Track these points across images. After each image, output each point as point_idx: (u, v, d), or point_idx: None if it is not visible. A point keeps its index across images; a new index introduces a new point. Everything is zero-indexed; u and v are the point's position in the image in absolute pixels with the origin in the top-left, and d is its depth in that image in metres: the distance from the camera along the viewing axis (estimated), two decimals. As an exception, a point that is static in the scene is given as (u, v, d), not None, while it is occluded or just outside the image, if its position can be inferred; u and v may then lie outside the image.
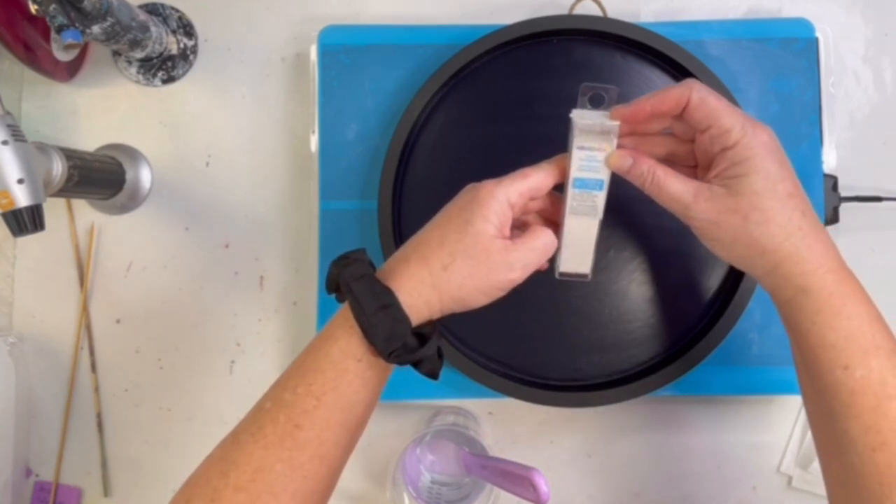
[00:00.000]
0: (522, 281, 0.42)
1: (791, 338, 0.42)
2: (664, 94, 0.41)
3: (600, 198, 0.43)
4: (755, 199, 0.39)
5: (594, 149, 0.42)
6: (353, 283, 0.39)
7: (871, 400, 0.37)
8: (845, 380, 0.38)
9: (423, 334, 0.40)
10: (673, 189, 0.42)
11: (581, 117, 0.42)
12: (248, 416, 0.40)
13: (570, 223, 0.44)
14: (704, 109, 0.40)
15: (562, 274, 0.46)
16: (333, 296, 0.42)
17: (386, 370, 0.41)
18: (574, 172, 0.43)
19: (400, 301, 0.39)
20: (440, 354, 0.41)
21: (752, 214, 0.40)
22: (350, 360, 0.39)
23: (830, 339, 0.39)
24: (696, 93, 0.40)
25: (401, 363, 0.39)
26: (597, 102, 0.44)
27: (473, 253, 0.40)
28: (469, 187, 0.43)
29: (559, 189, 0.44)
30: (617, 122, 0.42)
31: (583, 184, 0.43)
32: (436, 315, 0.41)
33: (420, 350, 0.39)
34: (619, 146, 0.43)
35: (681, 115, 0.41)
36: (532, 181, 0.42)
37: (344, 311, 0.40)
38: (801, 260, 0.40)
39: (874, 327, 0.39)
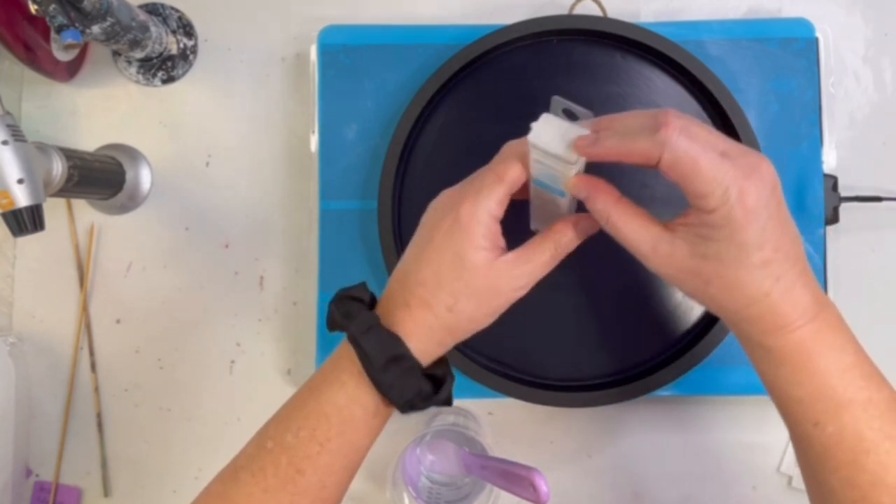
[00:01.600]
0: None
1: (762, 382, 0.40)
2: (632, 145, 0.36)
3: (563, 200, 0.40)
4: (721, 268, 0.36)
5: (550, 167, 0.38)
6: (360, 337, 0.38)
7: (847, 455, 0.36)
8: (817, 435, 0.37)
9: (436, 376, 0.39)
10: (630, 236, 0.38)
11: (541, 133, 0.37)
12: (248, 449, 0.39)
13: (535, 199, 0.42)
14: (679, 171, 0.35)
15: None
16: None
17: (390, 413, 0.40)
18: (533, 174, 0.40)
19: (411, 348, 0.38)
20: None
21: (714, 280, 0.36)
22: (357, 407, 0.38)
23: (797, 395, 0.37)
24: (669, 151, 0.35)
25: (416, 411, 0.39)
26: (571, 114, 0.40)
27: (476, 288, 0.39)
28: (445, 202, 0.41)
29: None
30: (575, 157, 0.37)
31: (543, 185, 0.40)
32: (449, 348, 0.40)
33: (436, 397, 0.39)
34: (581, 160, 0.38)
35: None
36: (508, 183, 0.39)
37: (350, 353, 0.39)
38: (764, 323, 0.37)
39: (847, 378, 0.36)
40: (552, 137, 0.37)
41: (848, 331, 0.38)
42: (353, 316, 0.39)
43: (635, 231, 0.38)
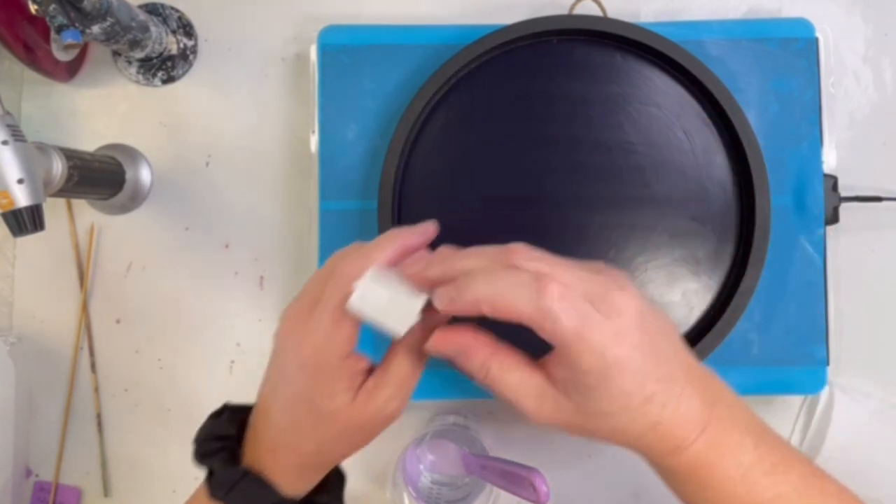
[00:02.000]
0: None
1: None
2: (509, 306, 0.32)
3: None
4: (606, 420, 0.34)
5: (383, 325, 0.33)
6: (227, 496, 0.36)
7: None
8: None
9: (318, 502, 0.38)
10: (512, 393, 0.34)
11: (366, 296, 0.32)
12: None
13: None
14: (557, 339, 0.32)
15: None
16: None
17: None
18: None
19: (284, 489, 0.36)
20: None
21: (602, 430, 0.34)
22: None
23: None
24: (552, 323, 0.31)
25: None
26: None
27: (338, 433, 0.36)
28: (287, 332, 0.36)
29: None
30: (413, 322, 0.32)
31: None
32: (329, 469, 0.39)
33: None
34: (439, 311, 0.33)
35: None
36: (350, 322, 0.34)
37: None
38: (659, 448, 0.35)
39: (750, 480, 0.34)
40: (380, 304, 0.32)
41: (743, 418, 0.36)
42: (215, 470, 0.37)
43: (518, 386, 0.34)
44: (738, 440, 0.35)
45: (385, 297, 0.32)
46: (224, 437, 0.38)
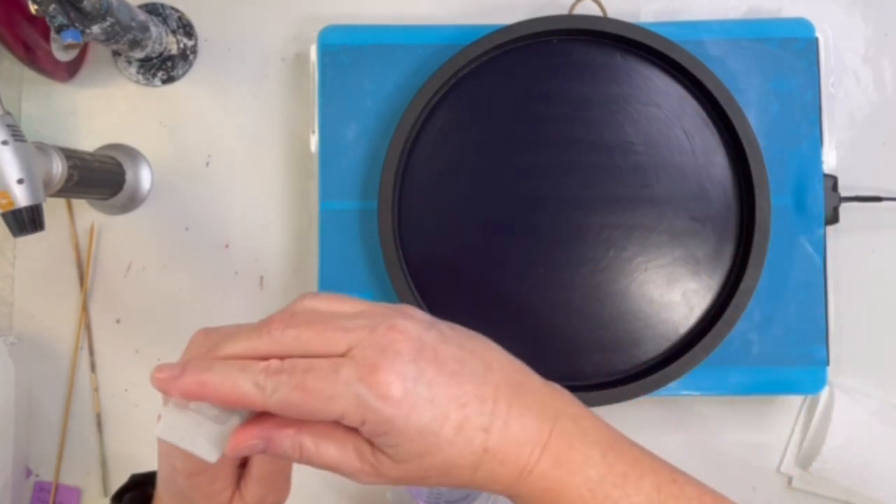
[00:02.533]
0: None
1: None
2: (315, 405, 0.29)
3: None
4: (422, 462, 0.31)
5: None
6: None
7: None
8: None
9: None
10: (333, 460, 0.32)
11: (171, 425, 0.30)
12: None
13: None
14: (298, 414, 0.30)
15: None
16: None
17: None
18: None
19: None
20: None
21: (428, 473, 0.32)
22: None
23: None
24: (278, 402, 0.29)
25: None
26: None
27: None
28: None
29: None
30: (225, 447, 0.30)
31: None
32: None
33: None
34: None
35: None
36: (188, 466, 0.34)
37: None
38: (502, 477, 0.32)
39: (601, 495, 0.32)
40: (188, 432, 0.30)
41: (591, 430, 0.34)
42: None
43: (335, 454, 0.31)
44: (585, 454, 0.33)
45: (192, 424, 0.30)
46: None
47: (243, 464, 0.36)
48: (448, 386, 0.31)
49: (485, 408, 0.31)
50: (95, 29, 0.52)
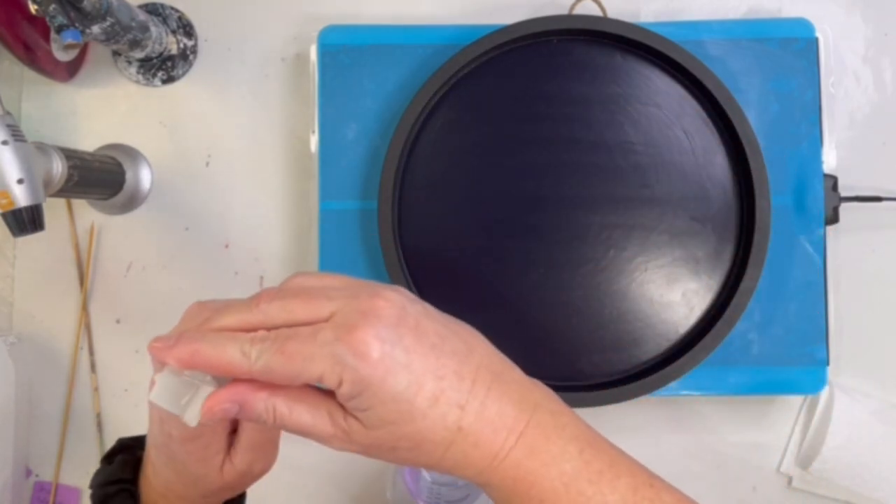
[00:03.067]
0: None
1: None
2: (292, 368, 0.30)
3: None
4: (396, 429, 0.31)
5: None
6: None
7: None
8: None
9: None
10: (306, 423, 0.32)
11: (163, 390, 0.32)
12: None
13: None
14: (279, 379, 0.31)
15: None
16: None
17: None
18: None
19: None
20: None
21: (399, 444, 0.31)
22: None
23: None
24: (261, 369, 0.30)
25: None
26: None
27: (218, 488, 0.37)
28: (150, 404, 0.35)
29: None
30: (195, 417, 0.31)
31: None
32: None
33: None
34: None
35: None
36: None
37: None
38: (475, 460, 0.32)
39: (574, 491, 0.32)
40: (177, 397, 0.32)
41: (569, 426, 0.33)
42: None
43: (309, 417, 0.31)
44: (561, 447, 0.32)
45: (183, 390, 0.32)
46: (122, 480, 0.39)
47: (235, 430, 0.37)
48: (426, 356, 0.31)
49: (462, 385, 0.31)
50: (95, 29, 0.52)
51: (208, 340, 0.31)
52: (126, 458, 0.40)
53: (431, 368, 0.31)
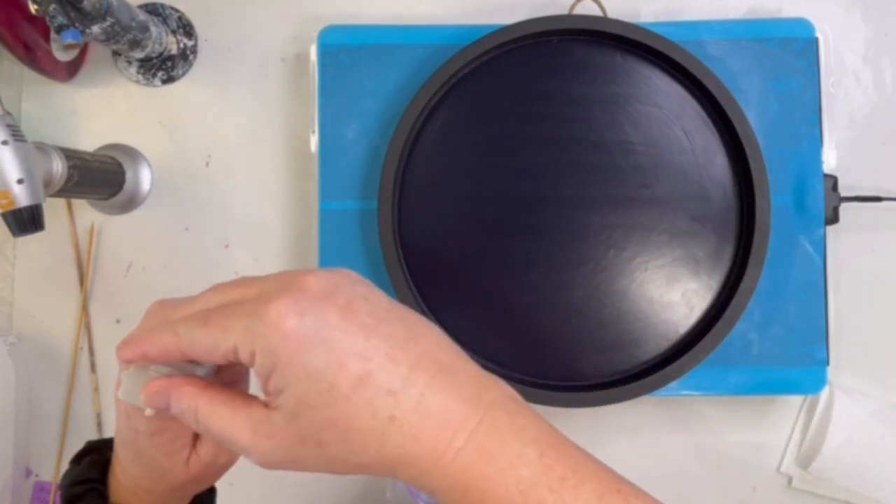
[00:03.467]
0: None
1: None
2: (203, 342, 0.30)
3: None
4: (315, 415, 0.28)
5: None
6: None
7: None
8: None
9: None
10: (223, 427, 0.30)
11: (131, 386, 0.33)
12: None
13: None
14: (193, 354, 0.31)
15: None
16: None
17: None
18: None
19: None
20: None
21: (324, 435, 0.28)
22: None
23: None
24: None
25: None
26: None
27: (185, 481, 0.37)
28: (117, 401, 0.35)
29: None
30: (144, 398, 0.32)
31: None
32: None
33: None
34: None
35: None
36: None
37: None
38: (417, 460, 0.28)
39: (532, 500, 0.28)
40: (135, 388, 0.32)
41: (530, 427, 0.30)
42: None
43: (228, 418, 0.30)
44: (518, 450, 0.29)
45: (146, 384, 0.32)
46: (90, 479, 0.39)
47: None
48: (353, 335, 0.28)
49: (395, 370, 0.28)
50: (95, 29, 0.52)
51: (151, 332, 0.31)
52: (95, 458, 0.40)
53: (357, 348, 0.28)
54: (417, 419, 0.28)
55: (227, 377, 0.35)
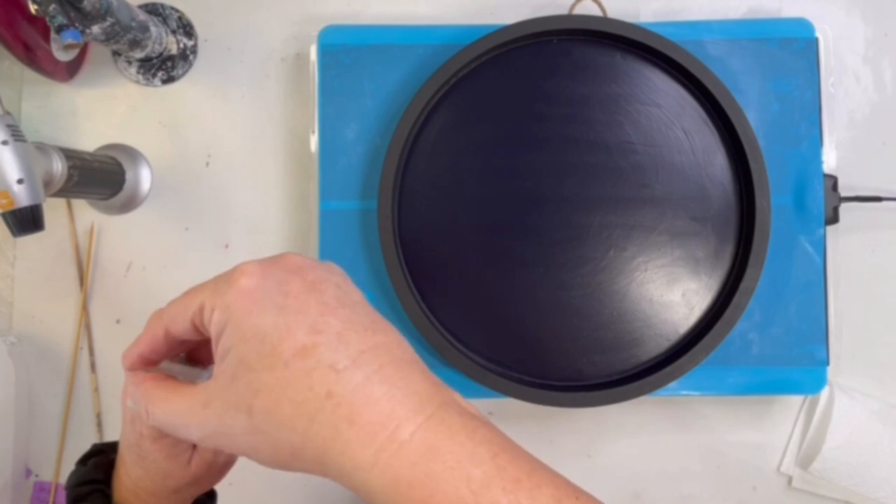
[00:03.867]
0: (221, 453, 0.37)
1: None
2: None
3: None
4: (252, 379, 0.27)
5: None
6: None
7: None
8: None
9: None
10: (166, 412, 0.30)
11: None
12: None
13: None
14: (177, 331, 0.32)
15: None
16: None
17: None
18: None
19: None
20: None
21: (256, 402, 0.27)
22: None
23: None
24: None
25: None
26: None
27: (187, 482, 0.37)
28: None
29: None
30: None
31: None
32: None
33: None
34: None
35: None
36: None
37: None
38: (346, 447, 0.26)
39: (484, 502, 0.26)
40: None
41: (477, 429, 0.28)
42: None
43: (170, 401, 0.30)
44: (470, 450, 0.27)
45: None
46: (95, 480, 0.39)
47: None
48: (308, 307, 0.28)
49: (345, 350, 0.27)
50: (95, 29, 0.52)
51: (143, 332, 0.33)
52: (100, 460, 0.40)
53: (310, 320, 0.27)
54: (357, 401, 0.26)
55: None
